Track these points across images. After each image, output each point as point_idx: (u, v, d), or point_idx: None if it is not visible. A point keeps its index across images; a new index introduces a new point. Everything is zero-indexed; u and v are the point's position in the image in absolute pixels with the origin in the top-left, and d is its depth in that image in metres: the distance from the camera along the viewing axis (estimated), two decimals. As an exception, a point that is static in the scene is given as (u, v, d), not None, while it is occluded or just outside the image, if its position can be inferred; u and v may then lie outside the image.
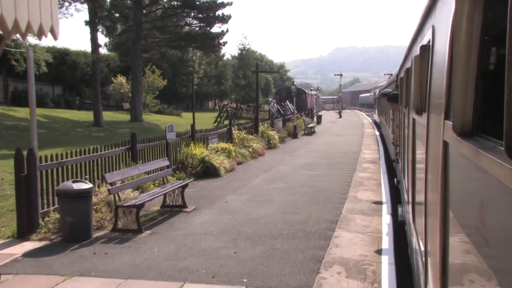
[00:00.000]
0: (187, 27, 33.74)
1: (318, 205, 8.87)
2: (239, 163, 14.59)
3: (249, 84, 59.07)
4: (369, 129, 30.06)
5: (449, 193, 2.00)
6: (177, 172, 11.91)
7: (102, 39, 53.89)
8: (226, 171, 12.94)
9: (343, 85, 71.76)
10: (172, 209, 8.80)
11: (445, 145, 2.05)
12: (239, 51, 64.30)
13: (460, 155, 1.70)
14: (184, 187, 8.86)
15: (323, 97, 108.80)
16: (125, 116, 35.99)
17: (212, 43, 31.81)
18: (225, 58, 69.82)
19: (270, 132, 20.35)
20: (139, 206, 7.16)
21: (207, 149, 13.62)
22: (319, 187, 10.66)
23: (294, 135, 24.90)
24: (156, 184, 10.06)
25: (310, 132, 27.25)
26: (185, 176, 11.84)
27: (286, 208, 8.73)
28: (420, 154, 3.64)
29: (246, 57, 62.14)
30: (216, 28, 33.19)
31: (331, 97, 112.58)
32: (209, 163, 12.49)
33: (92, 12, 26.18)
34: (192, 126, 13.58)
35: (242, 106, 42.25)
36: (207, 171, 12.45)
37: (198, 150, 12.66)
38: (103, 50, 50.49)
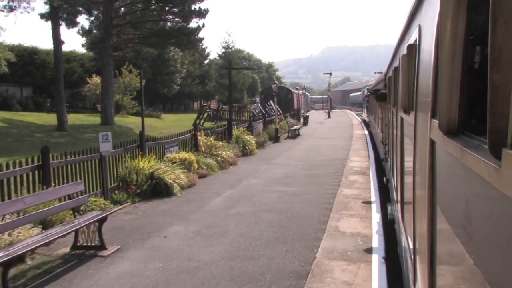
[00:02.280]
0: (161, 22, 31.17)
1: (285, 244, 6.53)
2: (202, 176, 12.21)
3: (233, 83, 56.52)
4: (359, 131, 27.81)
5: (437, 191, 1.96)
6: (116, 192, 9.51)
7: (79, 38, 51.29)
8: (183, 188, 10.57)
9: (333, 84, 69.81)
10: (86, 251, 6.43)
11: (432, 143, 2.01)
12: (223, 49, 61.71)
13: (446, 153, 1.68)
14: (101, 221, 6.46)
15: (313, 96, 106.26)
16: (97, 119, 33.36)
17: (188, 39, 29.25)
18: (211, 57, 67.25)
19: (246, 137, 17.90)
20: (6, 264, 4.74)
21: (162, 161, 11.22)
22: (292, 212, 8.32)
23: (275, 138, 22.53)
24: (82, 212, 7.67)
25: (294, 135, 24.88)
26: (127, 197, 9.46)
27: (241, 249, 6.38)
28: (408, 152, 3.57)
29: (230, 55, 59.53)
30: (193, 24, 30.77)
31: (321, 96, 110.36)
32: (159, 179, 10.10)
33: (51, 4, 23.55)
34: (141, 133, 11.12)
35: (224, 107, 39.70)
36: (157, 189, 10.06)
37: (146, 164, 10.25)
38: (82, 50, 47.84)
